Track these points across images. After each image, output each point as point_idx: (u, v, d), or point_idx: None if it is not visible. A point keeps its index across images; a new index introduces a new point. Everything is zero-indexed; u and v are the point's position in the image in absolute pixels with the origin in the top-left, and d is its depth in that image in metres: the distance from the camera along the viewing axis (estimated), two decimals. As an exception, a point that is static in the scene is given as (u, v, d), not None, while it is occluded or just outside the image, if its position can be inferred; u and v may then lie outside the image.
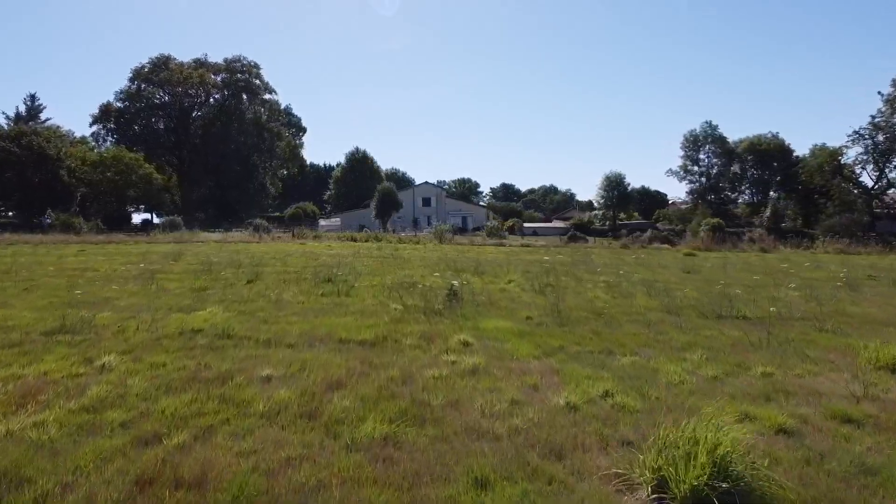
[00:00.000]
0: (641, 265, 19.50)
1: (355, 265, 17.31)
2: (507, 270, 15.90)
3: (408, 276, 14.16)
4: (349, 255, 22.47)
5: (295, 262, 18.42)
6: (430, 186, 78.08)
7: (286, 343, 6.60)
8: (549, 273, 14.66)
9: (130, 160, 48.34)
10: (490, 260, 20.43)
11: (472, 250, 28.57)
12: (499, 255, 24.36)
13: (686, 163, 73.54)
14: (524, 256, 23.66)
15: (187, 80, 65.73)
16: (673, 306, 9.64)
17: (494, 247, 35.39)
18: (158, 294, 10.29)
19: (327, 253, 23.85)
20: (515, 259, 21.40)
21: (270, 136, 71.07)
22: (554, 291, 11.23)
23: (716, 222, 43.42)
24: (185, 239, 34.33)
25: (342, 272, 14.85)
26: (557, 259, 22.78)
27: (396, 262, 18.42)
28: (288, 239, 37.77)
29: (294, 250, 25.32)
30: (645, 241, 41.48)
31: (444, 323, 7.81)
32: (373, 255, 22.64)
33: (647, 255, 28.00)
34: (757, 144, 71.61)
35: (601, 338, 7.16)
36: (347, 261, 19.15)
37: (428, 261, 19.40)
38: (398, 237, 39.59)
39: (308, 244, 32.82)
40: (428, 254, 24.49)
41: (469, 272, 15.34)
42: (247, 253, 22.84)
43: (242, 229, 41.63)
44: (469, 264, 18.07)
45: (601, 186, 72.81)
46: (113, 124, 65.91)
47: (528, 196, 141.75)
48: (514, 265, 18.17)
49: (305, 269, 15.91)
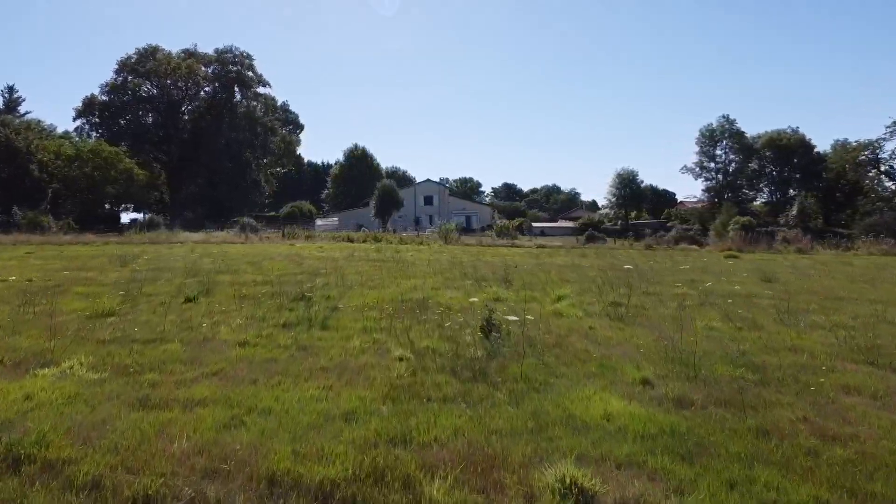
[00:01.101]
0: (703, 271, 15.72)
1: (346, 272, 13.61)
2: (546, 280, 12.15)
3: (414, 288, 10.44)
4: (342, 258, 18.76)
5: (272, 268, 14.72)
6: (432, 184, 74.34)
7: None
8: (605, 284, 10.90)
9: (109, 154, 44.57)
10: (511, 264, 16.69)
11: (485, 252, 24.89)
12: (519, 258, 20.63)
13: (702, 159, 69.76)
14: (549, 260, 19.94)
15: (175, 71, 61.90)
16: (855, 346, 5.89)
17: (507, 248, 31.76)
18: (20, 326, 6.54)
19: (316, 255, 20.15)
20: (541, 263, 17.66)
21: (264, 131, 67.12)
22: (637, 317, 7.50)
23: (746, 221, 39.65)
24: (160, 239, 30.73)
25: (326, 284, 11.14)
26: (588, 263, 19.06)
27: (398, 268, 14.68)
28: (278, 239, 34.17)
29: (279, 252, 21.65)
30: (670, 241, 37.90)
31: (496, 404, 4.00)
32: (370, 257, 18.95)
33: (684, 257, 24.35)
34: (777, 140, 67.83)
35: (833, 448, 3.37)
36: (338, 266, 15.45)
37: (437, 266, 15.69)
38: (399, 237, 35.90)
39: (298, 245, 29.24)
40: (435, 256, 20.79)
41: (494, 282, 11.62)
42: (221, 256, 19.16)
43: (229, 229, 37.92)
44: (489, 270, 14.36)
45: (612, 184, 69.05)
46: (97, 118, 62.08)
47: (530, 196, 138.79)
48: (546, 271, 14.47)
49: (282, 277, 12.21)
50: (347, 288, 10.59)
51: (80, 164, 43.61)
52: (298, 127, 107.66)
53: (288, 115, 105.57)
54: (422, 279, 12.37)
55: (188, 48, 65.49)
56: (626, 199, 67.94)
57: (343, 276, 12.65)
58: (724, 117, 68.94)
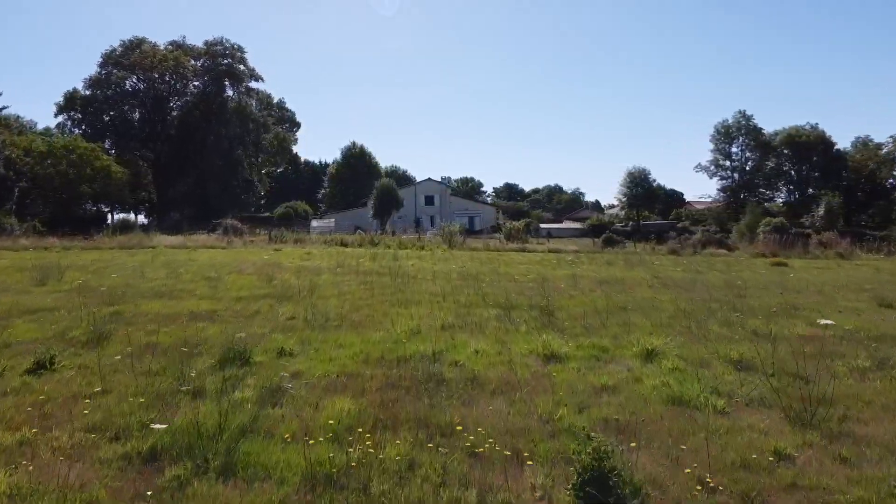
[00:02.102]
0: (783, 288, 12.32)
1: (326, 294, 10.29)
2: (601, 309, 8.75)
3: (417, 332, 7.09)
4: (328, 269, 15.43)
5: (233, 286, 11.38)
6: (433, 183, 70.91)
7: None
8: (690, 316, 7.50)
9: (84, 151, 41.22)
10: (538, 278, 13.31)
11: (496, 259, 21.52)
12: (540, 267, 17.26)
13: (717, 157, 66.36)
14: (576, 271, 16.54)
15: (162, 64, 58.55)
16: None
17: (518, 253, 28.44)
18: None
19: (300, 265, 16.83)
20: (573, 276, 14.29)
21: (256, 127, 63.67)
22: (839, 413, 4.17)
23: (778, 222, 36.27)
24: (131, 244, 27.40)
25: (290, 319, 7.80)
26: (625, 275, 15.73)
27: (395, 288, 11.30)
28: (264, 243, 30.86)
29: (256, 261, 18.33)
30: (696, 244, 34.57)
31: None
32: (362, 268, 15.62)
33: (726, 266, 21.03)
34: (796, 136, 64.47)
35: None
36: (319, 283, 12.13)
37: (445, 282, 12.34)
38: (398, 240, 32.57)
39: (285, 250, 25.94)
40: (440, 266, 17.48)
41: (529, 313, 8.31)
42: (182, 266, 15.85)
43: (212, 231, 34.62)
44: (514, 289, 11.03)
45: (623, 183, 65.51)
46: (79, 114, 58.75)
47: (532, 196, 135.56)
48: (585, 292, 11.12)
49: (233, 306, 8.91)
50: (319, 327, 7.28)
51: (54, 161, 40.26)
52: (295, 125, 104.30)
53: (284, 112, 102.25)
54: (427, 307, 9.01)
55: (176, 40, 62.28)
56: (637, 199, 64.48)
57: (320, 301, 9.34)
58: (741, 113, 65.66)
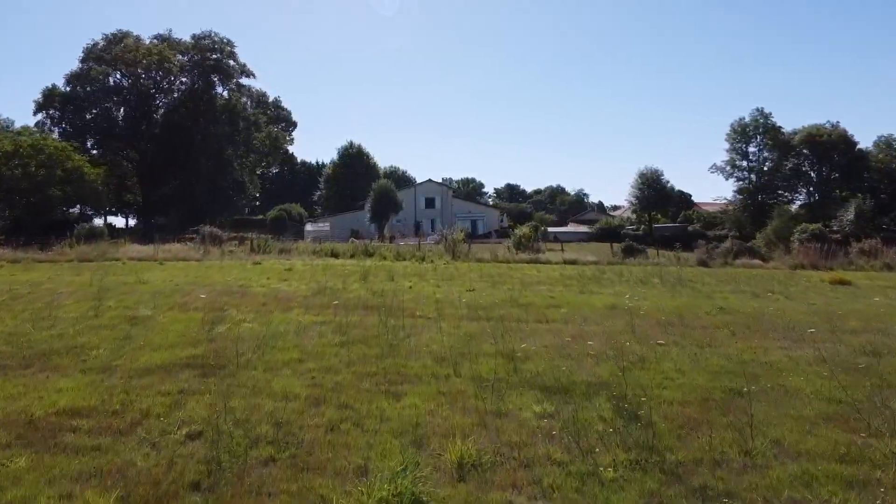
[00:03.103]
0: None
1: (277, 364, 6.71)
2: (722, 408, 5.20)
3: (417, 472, 3.69)
4: (303, 298, 12.00)
5: (156, 337, 7.94)
6: (434, 185, 67.45)
7: None
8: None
9: (54, 150, 37.76)
10: (574, 314, 9.81)
11: (509, 278, 18.05)
12: (573, 295, 13.72)
13: (733, 157, 62.82)
14: (620, 298, 13.08)
15: (146, 58, 55.08)
16: None
17: (531, 265, 24.99)
18: None
19: (271, 290, 13.38)
20: (615, 307, 10.81)
21: (247, 125, 60.17)
22: None
23: (816, 229, 32.77)
24: (91, 256, 24.08)
25: (174, 467, 4.32)
26: (685, 306, 12.26)
27: (385, 339, 7.79)
28: (245, 253, 27.42)
29: (219, 283, 14.92)
30: (726, 254, 31.10)
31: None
32: (347, 296, 12.20)
33: (780, 284, 17.64)
34: (816, 135, 60.97)
35: None
36: (282, 327, 8.70)
37: (452, 324, 8.87)
38: (396, 249, 29.13)
39: (265, 263, 22.53)
40: (444, 287, 14.03)
41: (601, 408, 4.90)
42: (121, 293, 12.46)
43: (184, 239, 31.12)
44: (555, 343, 7.58)
45: (634, 185, 62.05)
46: (58, 111, 55.26)
47: (534, 197, 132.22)
48: (657, 346, 7.64)
49: (126, 390, 5.53)
50: (231, 465, 3.87)
51: (21, 161, 36.80)
52: (291, 124, 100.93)
53: (280, 111, 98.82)
54: (430, 395, 5.55)
55: (161, 33, 58.81)
56: (649, 202, 61.03)
57: (260, 383, 5.88)
58: (758, 110, 62.11)
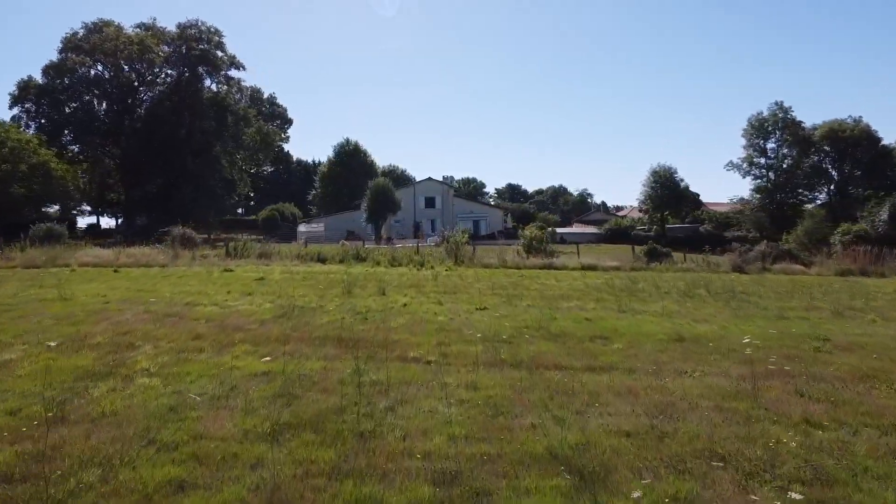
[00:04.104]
0: None
1: (133, 498, 3.38)
2: None
3: None
4: (258, 325, 8.61)
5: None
6: (434, 183, 63.99)
7: None
8: None
9: (17, 144, 34.33)
10: (645, 357, 6.43)
11: (524, 289, 14.71)
12: (611, 316, 10.30)
13: (751, 153, 59.46)
14: (672, 319, 9.72)
15: (127, 47, 51.63)
16: None
17: (544, 271, 21.66)
18: None
19: (223, 311, 9.97)
20: (680, 338, 7.44)
21: (236, 119, 56.69)
22: None
23: (860, 230, 29.42)
24: (39, 262, 20.81)
25: None
26: (769, 334, 8.97)
27: (343, 441, 4.36)
28: (220, 258, 24.09)
29: (162, 298, 11.56)
30: (763, 258, 27.73)
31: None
32: (325, 310, 8.85)
33: (848, 295, 14.41)
34: (838, 131, 57.65)
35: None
36: (181, 402, 5.38)
37: (468, 377, 5.35)
38: (391, 252, 25.72)
39: (238, 270, 19.25)
40: (448, 305, 10.65)
41: None
42: (30, 315, 9.14)
43: (158, 243, 27.68)
44: (659, 448, 4.22)
45: (646, 184, 58.72)
46: (33, 105, 51.78)
47: (535, 197, 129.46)
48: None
49: None
50: None
51: (-18, 156, 33.41)
52: (286, 121, 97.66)
53: (275, 108, 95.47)
54: None
55: (145, 22, 55.34)
56: (662, 201, 57.63)
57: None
58: (777, 104, 58.76)
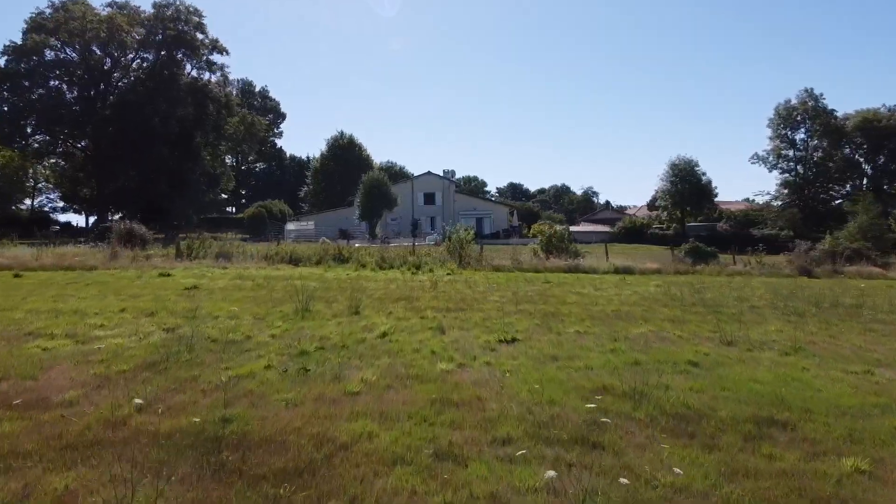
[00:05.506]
0: None
1: None
2: None
3: None
4: (82, 394, 3.93)
5: None
6: (433, 178, 59.12)
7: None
8: None
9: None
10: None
11: (565, 300, 9.94)
12: (734, 363, 5.66)
13: (778, 145, 54.79)
14: (812, 370, 4.82)
15: (95, 27, 46.93)
16: None
17: (571, 274, 17.09)
18: None
19: (69, 353, 5.30)
20: None
21: (217, 107, 51.99)
22: None
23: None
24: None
25: None
26: None
27: None
28: (165, 260, 19.43)
29: (13, 321, 6.70)
30: (835, 259, 23.10)
31: None
32: (260, 343, 4.10)
33: None
34: (873, 121, 53.04)
35: None
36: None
37: None
38: (381, 252, 20.98)
39: (177, 275, 14.67)
40: (456, 334, 5.81)
41: None
42: None
43: (99, 241, 22.90)
44: None
45: (664, 177, 53.95)
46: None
47: (538, 196, 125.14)
48: None
49: None
50: None
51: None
52: (279, 115, 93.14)
53: (267, 101, 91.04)
54: None
55: (117, 0, 50.57)
56: (683, 197, 52.87)
57: None
58: (807, 92, 54.13)
